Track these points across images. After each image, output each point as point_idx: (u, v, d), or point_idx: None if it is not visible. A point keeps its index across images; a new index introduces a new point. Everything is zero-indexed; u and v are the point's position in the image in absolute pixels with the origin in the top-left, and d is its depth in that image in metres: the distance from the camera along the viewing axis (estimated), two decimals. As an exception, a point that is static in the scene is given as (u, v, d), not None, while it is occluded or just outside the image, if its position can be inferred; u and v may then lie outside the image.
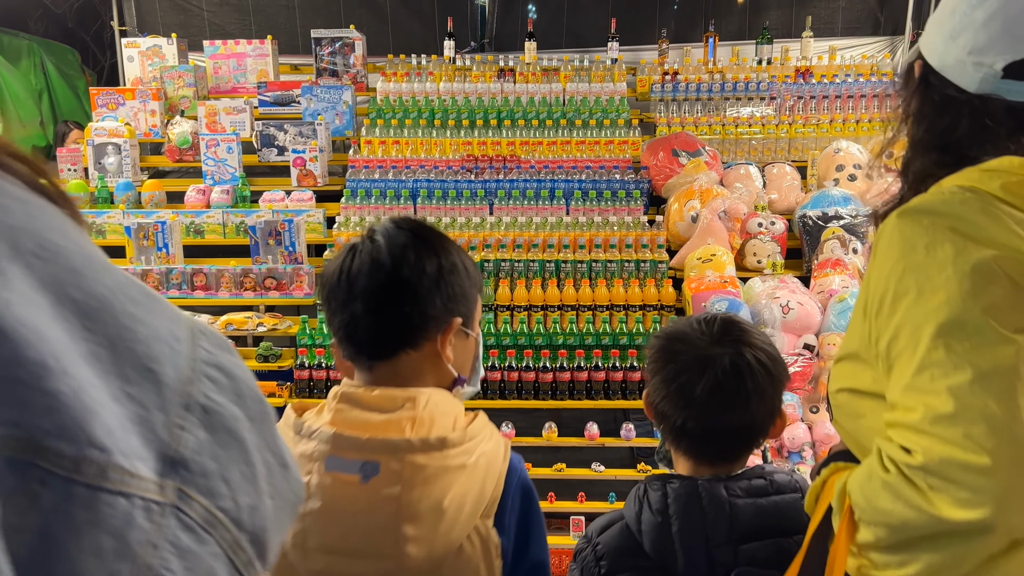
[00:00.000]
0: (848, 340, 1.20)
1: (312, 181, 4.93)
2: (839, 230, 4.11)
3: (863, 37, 6.18)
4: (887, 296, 1.04)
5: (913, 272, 1.01)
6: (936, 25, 1.16)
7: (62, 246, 0.41)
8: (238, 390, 0.48)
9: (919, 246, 1.02)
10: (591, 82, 5.29)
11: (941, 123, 1.14)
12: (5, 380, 0.36)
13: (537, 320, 3.93)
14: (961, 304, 0.96)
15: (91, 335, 0.40)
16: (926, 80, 1.16)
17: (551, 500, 3.38)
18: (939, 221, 1.02)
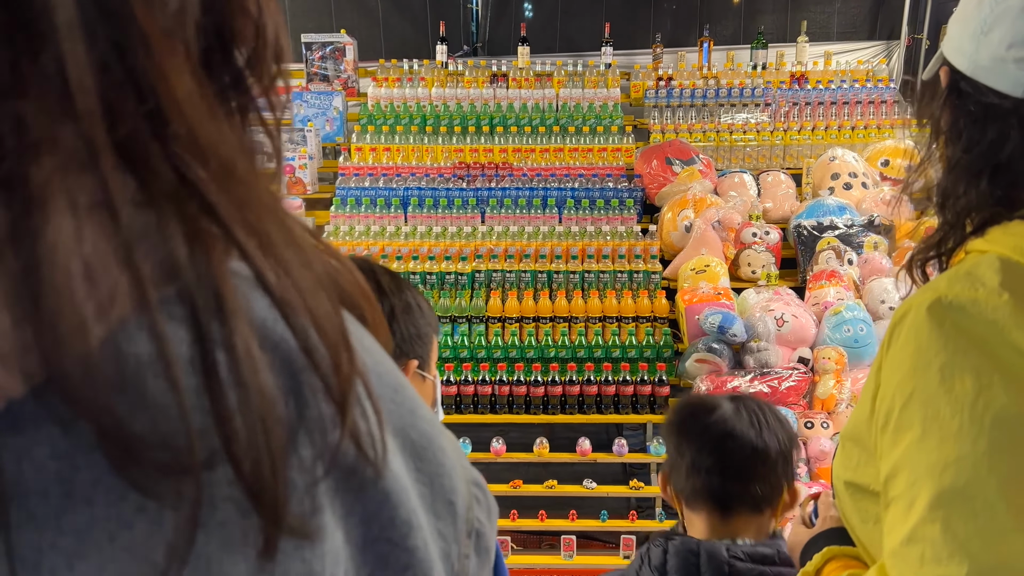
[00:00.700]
0: (854, 422, 1.01)
1: (301, 189, 4.87)
2: (834, 240, 4.07)
3: (858, 42, 6.14)
4: (892, 417, 0.85)
5: (921, 402, 0.81)
6: (960, 23, 0.95)
7: (402, 384, 0.42)
8: (488, 504, 0.48)
9: (934, 366, 0.81)
10: (584, 88, 5.24)
11: (984, 139, 0.91)
12: (383, 541, 0.37)
13: (529, 332, 3.88)
14: (972, 470, 0.76)
15: (420, 475, 0.41)
16: (957, 89, 0.94)
17: (542, 518, 3.33)
18: (966, 333, 0.80)
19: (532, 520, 3.34)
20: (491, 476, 3.51)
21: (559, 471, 3.56)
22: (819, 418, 3.38)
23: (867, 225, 4.17)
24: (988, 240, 0.89)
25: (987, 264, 0.85)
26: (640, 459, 3.62)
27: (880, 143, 4.73)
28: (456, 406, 3.69)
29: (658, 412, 3.68)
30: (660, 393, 3.68)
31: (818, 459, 3.28)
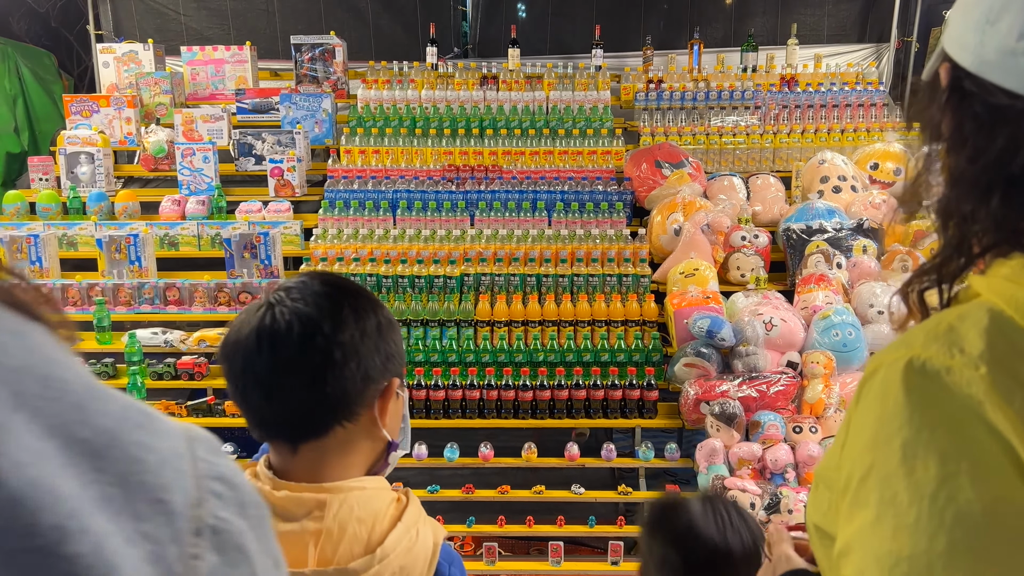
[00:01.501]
0: (828, 465, 0.91)
1: (290, 191, 4.84)
2: (823, 244, 4.06)
3: (848, 44, 6.14)
4: (850, 484, 0.75)
5: (879, 480, 0.71)
6: (962, 12, 0.81)
7: (65, 379, 0.41)
8: (240, 500, 0.47)
9: (896, 441, 0.71)
10: (575, 90, 5.23)
11: (992, 147, 0.76)
12: (26, 551, 0.35)
13: (517, 336, 3.86)
14: (926, 569, 0.66)
15: (102, 475, 0.39)
16: (960, 89, 0.80)
17: (529, 524, 3.31)
18: (935, 407, 0.70)
19: (520, 526, 3.32)
20: (479, 481, 3.50)
21: (547, 476, 3.55)
22: (807, 423, 3.38)
23: (856, 229, 4.17)
24: (988, 279, 0.77)
25: (973, 320, 0.73)
26: (628, 464, 3.60)
27: (870, 146, 4.73)
28: (444, 411, 3.67)
29: (647, 416, 3.67)
30: (649, 397, 3.66)
31: (806, 464, 3.27)
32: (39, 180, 4.95)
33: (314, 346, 1.03)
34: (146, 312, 4.16)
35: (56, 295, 4.06)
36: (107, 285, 4.17)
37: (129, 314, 4.16)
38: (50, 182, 4.97)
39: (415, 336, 3.88)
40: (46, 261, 4.31)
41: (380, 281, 4.05)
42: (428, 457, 3.57)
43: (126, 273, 4.26)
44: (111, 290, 4.17)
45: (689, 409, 3.50)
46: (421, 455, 3.56)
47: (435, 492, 3.45)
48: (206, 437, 0.48)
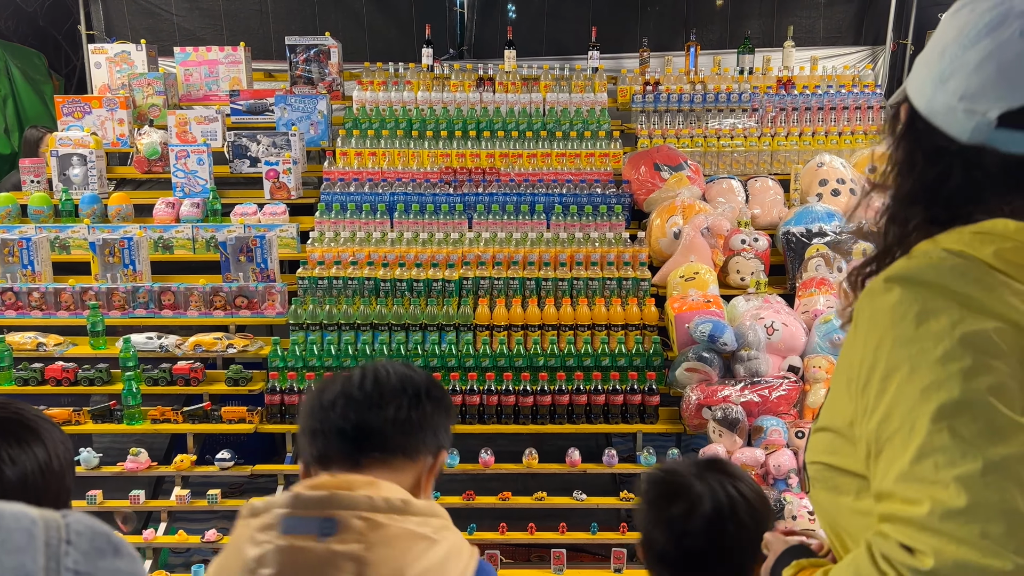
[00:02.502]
0: (829, 412, 1.10)
1: (285, 194, 4.80)
2: (823, 247, 4.05)
3: (844, 47, 6.14)
4: (875, 372, 0.94)
5: (904, 345, 0.92)
6: (925, 66, 1.05)
7: None
8: (93, 544, 0.55)
9: (909, 316, 0.93)
10: (571, 92, 5.21)
11: (930, 174, 1.03)
12: None
13: (517, 341, 3.83)
14: (963, 383, 0.86)
15: None
16: (913, 127, 1.06)
17: (531, 531, 3.28)
18: (928, 286, 0.94)
19: (522, 533, 3.29)
20: (480, 487, 3.47)
21: (548, 482, 3.52)
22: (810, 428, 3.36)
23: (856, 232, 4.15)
24: (923, 245, 1.02)
25: (933, 251, 0.99)
26: (630, 469, 3.58)
27: (868, 149, 4.73)
28: (444, 416, 3.63)
29: (648, 421, 3.65)
30: (650, 402, 3.64)
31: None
32: (30, 182, 4.89)
33: (412, 381, 1.28)
34: (141, 316, 4.10)
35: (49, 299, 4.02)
36: (101, 289, 4.12)
37: (123, 318, 4.10)
38: (42, 184, 4.90)
39: (414, 341, 3.84)
40: (38, 265, 4.25)
41: (378, 285, 4.02)
42: (428, 463, 3.53)
43: (120, 277, 4.20)
44: (105, 294, 4.11)
45: (691, 414, 3.49)
46: (421, 461, 3.52)
47: (435, 499, 3.41)
48: (91, 534, 0.57)
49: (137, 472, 3.56)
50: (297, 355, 3.76)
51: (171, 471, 3.60)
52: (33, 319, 4.10)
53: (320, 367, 3.73)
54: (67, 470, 1.28)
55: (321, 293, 4.01)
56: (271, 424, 3.69)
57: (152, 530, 3.47)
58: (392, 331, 3.88)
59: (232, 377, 3.79)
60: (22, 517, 0.52)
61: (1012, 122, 0.95)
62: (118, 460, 3.61)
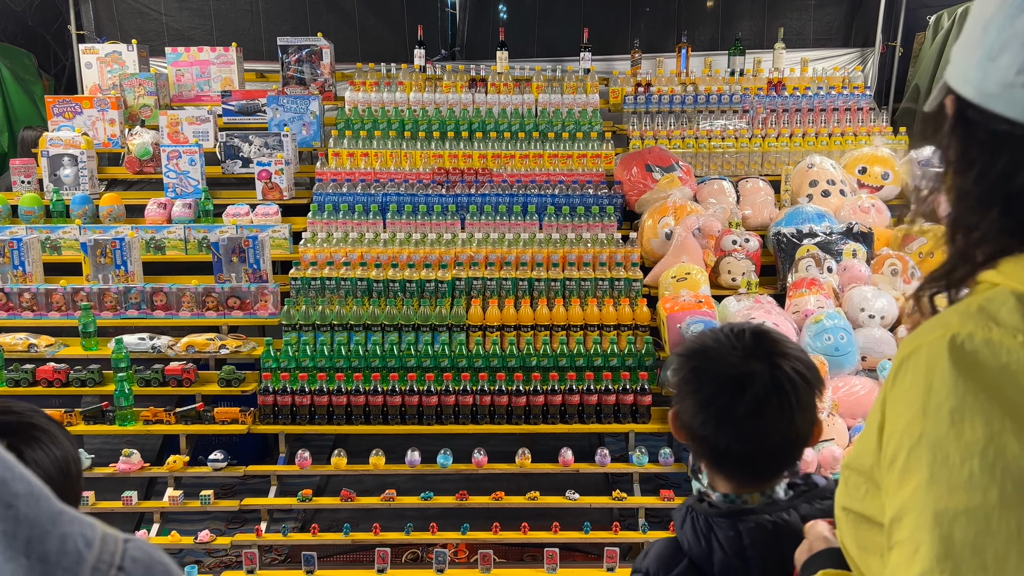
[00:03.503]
0: (859, 451, 0.98)
1: (278, 194, 4.80)
2: (814, 248, 4.08)
3: (834, 49, 6.19)
4: (899, 457, 0.82)
5: (930, 446, 0.79)
6: (965, 50, 0.92)
7: None
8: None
9: (944, 409, 0.78)
10: (563, 93, 5.22)
11: (995, 167, 0.87)
12: None
13: (510, 341, 3.84)
14: (983, 520, 0.73)
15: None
16: (964, 118, 0.91)
17: (524, 531, 3.29)
18: (978, 375, 0.78)
19: (515, 532, 3.30)
20: (473, 488, 3.48)
21: (541, 481, 3.54)
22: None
23: (846, 232, 4.19)
24: (1001, 273, 0.86)
25: (1001, 300, 0.82)
26: (623, 469, 3.60)
27: (857, 150, 4.76)
28: (437, 416, 3.65)
29: (640, 421, 3.67)
30: (642, 402, 3.66)
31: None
32: (21, 183, 4.87)
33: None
34: (132, 317, 4.10)
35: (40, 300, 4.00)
36: (92, 290, 4.11)
37: (115, 319, 4.10)
38: (32, 185, 4.88)
39: (406, 341, 3.85)
40: (29, 265, 4.23)
41: (371, 285, 4.02)
42: (421, 463, 3.55)
43: (112, 278, 4.19)
44: (96, 295, 4.10)
45: (683, 414, 3.50)
46: (414, 461, 3.53)
47: (429, 499, 3.42)
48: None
49: (129, 473, 3.55)
50: (290, 356, 3.76)
51: (164, 472, 3.60)
52: (24, 320, 4.08)
53: (313, 368, 3.74)
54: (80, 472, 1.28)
55: (314, 294, 4.01)
56: (264, 425, 3.69)
57: (145, 531, 3.46)
58: (385, 331, 3.89)
59: (225, 378, 3.79)
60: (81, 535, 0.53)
61: None
62: (110, 461, 3.60)
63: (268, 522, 3.53)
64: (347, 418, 3.66)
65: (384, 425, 3.64)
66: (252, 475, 3.65)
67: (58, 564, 0.50)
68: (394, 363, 3.76)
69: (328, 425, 3.68)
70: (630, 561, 3.37)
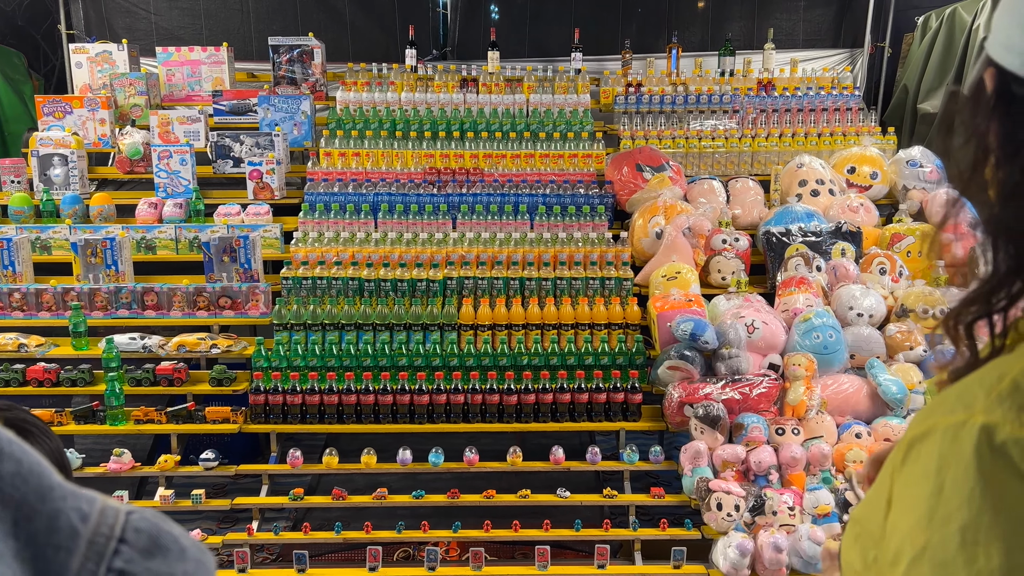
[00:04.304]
0: (870, 516, 0.80)
1: (269, 194, 4.80)
2: (803, 247, 4.11)
3: (823, 49, 6.23)
4: (900, 561, 0.68)
5: (933, 566, 0.64)
6: (1009, 14, 0.75)
7: None
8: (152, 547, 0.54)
9: (954, 523, 0.63)
10: (555, 93, 5.24)
11: None
12: None
13: (501, 340, 3.86)
14: None
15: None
16: (1008, 94, 0.74)
17: (515, 529, 3.30)
18: (1002, 485, 0.62)
19: (506, 530, 3.31)
20: (464, 486, 3.49)
21: (532, 480, 3.55)
22: (790, 424, 3.41)
23: (835, 232, 4.22)
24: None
25: None
26: (613, 467, 3.62)
27: (846, 150, 4.80)
28: (428, 415, 3.65)
29: (631, 419, 3.69)
30: (633, 400, 3.68)
31: (789, 465, 3.30)
32: (11, 183, 4.85)
33: None
34: (123, 317, 4.09)
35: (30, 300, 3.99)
36: (83, 290, 4.10)
37: (106, 319, 4.09)
38: (22, 184, 4.87)
39: (398, 340, 3.86)
40: (19, 265, 4.22)
41: (362, 285, 4.03)
42: (412, 462, 3.55)
43: (102, 277, 4.19)
44: (87, 295, 4.09)
45: (673, 412, 3.53)
46: (405, 460, 3.54)
47: (420, 497, 3.43)
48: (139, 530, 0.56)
49: (120, 473, 3.55)
50: (281, 355, 3.76)
51: (155, 472, 3.60)
52: (14, 320, 4.07)
53: (304, 367, 3.74)
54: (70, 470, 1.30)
55: (305, 293, 4.02)
56: (255, 424, 3.69)
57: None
58: (376, 331, 3.90)
59: (216, 377, 3.78)
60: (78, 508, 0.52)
61: None
62: (101, 461, 3.59)
63: (260, 521, 3.53)
64: (338, 417, 3.67)
65: (375, 424, 3.65)
66: (243, 474, 3.65)
67: (48, 542, 0.49)
68: (385, 362, 3.77)
69: (319, 424, 3.69)
70: (621, 559, 3.39)
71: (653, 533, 3.35)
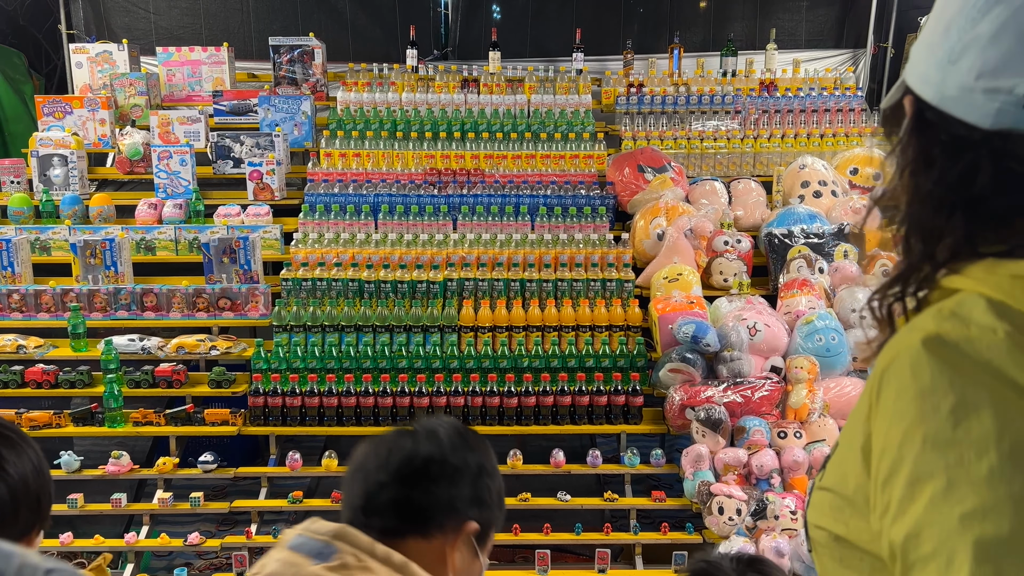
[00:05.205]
0: (836, 473, 0.94)
1: (269, 195, 4.78)
2: (805, 249, 4.09)
3: (826, 50, 6.20)
4: (900, 470, 0.77)
5: (939, 450, 0.74)
6: (926, 49, 0.89)
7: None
8: None
9: (944, 408, 0.74)
10: (556, 94, 5.22)
11: (953, 172, 0.85)
12: None
13: (501, 342, 3.84)
14: (1014, 514, 0.69)
15: None
16: (922, 119, 0.89)
17: (515, 532, 3.28)
18: (969, 371, 0.75)
19: (506, 534, 3.29)
20: (464, 489, 3.46)
21: (533, 483, 3.53)
22: (792, 428, 3.39)
23: (837, 233, 4.20)
24: (966, 278, 0.84)
25: (972, 303, 0.80)
26: (614, 470, 3.59)
27: (849, 151, 4.77)
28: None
29: (632, 422, 3.67)
30: (634, 403, 3.66)
31: (792, 469, 3.28)
32: (10, 183, 4.84)
33: (421, 454, 1.24)
34: (122, 318, 4.08)
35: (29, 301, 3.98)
36: (82, 291, 4.09)
37: (105, 320, 4.08)
38: (22, 185, 4.86)
39: (398, 342, 3.84)
40: (18, 266, 4.21)
41: (362, 286, 4.01)
42: (412, 465, 3.53)
43: (102, 278, 4.17)
44: (86, 296, 4.08)
45: (674, 415, 3.51)
46: (405, 463, 3.52)
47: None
48: None
49: (119, 475, 3.53)
50: (281, 357, 3.74)
51: (153, 474, 3.58)
52: (13, 321, 4.06)
53: (304, 369, 3.72)
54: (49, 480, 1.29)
55: (305, 295, 4.00)
56: (254, 426, 3.67)
57: (134, 533, 3.44)
58: (376, 333, 3.88)
59: (215, 379, 3.77)
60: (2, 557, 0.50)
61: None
62: (100, 463, 3.58)
63: (258, 524, 3.51)
64: (338, 419, 3.65)
65: (375, 426, 3.63)
66: (242, 477, 3.63)
67: None
68: (385, 364, 3.75)
69: (319, 427, 3.67)
70: (622, 563, 3.37)
71: (654, 537, 3.33)
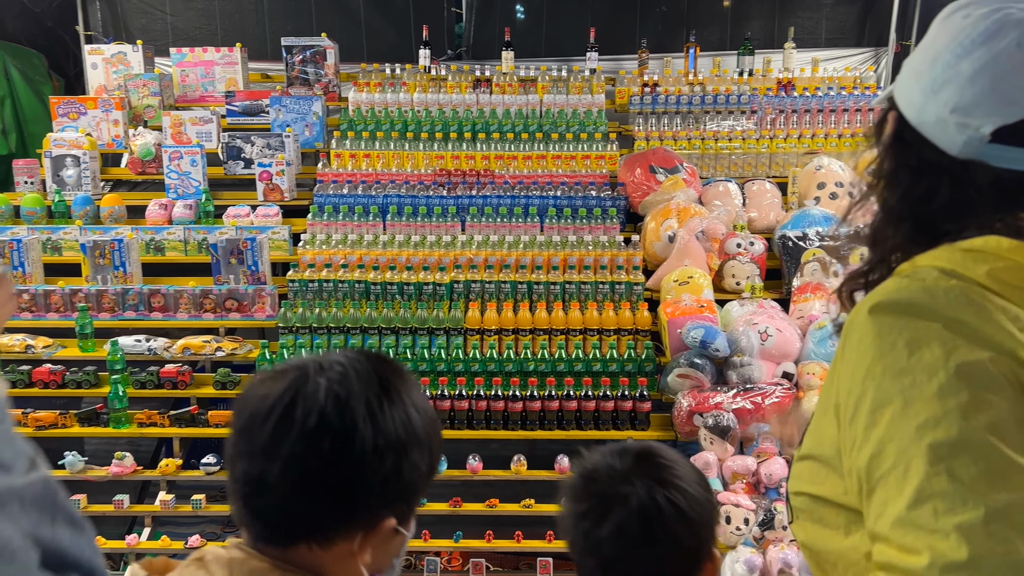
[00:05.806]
0: (813, 439, 1.04)
1: (279, 196, 4.77)
2: (820, 252, 3.99)
3: (846, 48, 6.07)
4: (863, 402, 0.88)
5: (896, 377, 0.86)
6: (914, 73, 1.00)
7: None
8: None
9: (899, 344, 0.87)
10: (569, 94, 5.16)
11: (917, 190, 0.99)
12: None
13: (508, 345, 3.78)
14: (961, 420, 0.80)
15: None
16: (901, 138, 1.01)
17: (518, 539, 3.23)
18: (921, 314, 0.88)
19: (509, 541, 3.25)
20: (467, 494, 3.43)
21: (537, 489, 3.48)
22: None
23: (853, 236, 4.09)
24: (914, 262, 0.97)
25: (925, 271, 0.94)
26: (620, 476, 3.52)
27: (868, 152, 4.65)
28: (432, 421, 3.59)
29: (639, 428, 3.60)
30: (641, 409, 3.59)
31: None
32: (24, 183, 4.87)
33: (319, 439, 0.94)
34: (130, 319, 4.08)
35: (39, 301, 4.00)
36: (91, 291, 4.09)
37: (112, 321, 4.08)
38: (35, 185, 4.89)
39: (404, 344, 3.80)
40: (29, 266, 4.23)
41: (369, 288, 3.98)
42: (415, 469, 3.49)
43: (110, 279, 4.18)
44: (95, 296, 4.09)
45: (682, 421, 3.43)
46: (408, 467, 3.48)
47: (422, 505, 3.37)
48: None
49: (122, 476, 3.53)
50: (286, 359, 3.72)
51: (156, 475, 3.57)
52: (23, 321, 4.08)
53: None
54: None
55: (311, 296, 3.98)
56: (258, 428, 3.64)
57: (136, 535, 3.44)
58: (382, 335, 3.85)
59: (220, 381, 3.75)
60: None
61: (1006, 138, 0.90)
62: (105, 463, 3.58)
63: (261, 527, 3.48)
64: (342, 422, 3.61)
65: (379, 430, 3.59)
66: (246, 479, 3.61)
67: None
68: (390, 367, 3.71)
69: (323, 429, 3.64)
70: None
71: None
